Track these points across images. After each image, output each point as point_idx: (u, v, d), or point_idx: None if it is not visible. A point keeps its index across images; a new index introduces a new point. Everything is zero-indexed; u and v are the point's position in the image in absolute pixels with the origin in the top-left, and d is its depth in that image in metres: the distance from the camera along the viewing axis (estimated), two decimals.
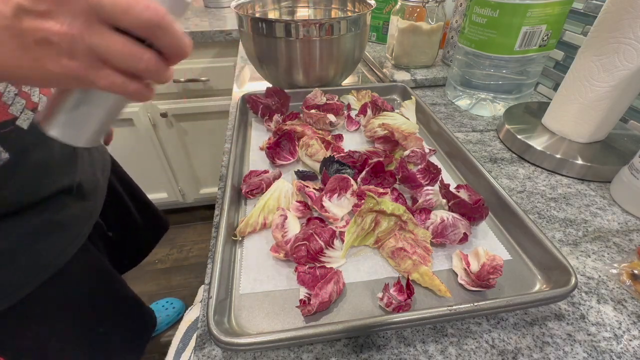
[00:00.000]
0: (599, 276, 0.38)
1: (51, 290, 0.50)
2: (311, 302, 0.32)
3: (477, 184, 0.46)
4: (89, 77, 0.22)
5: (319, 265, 0.36)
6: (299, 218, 0.42)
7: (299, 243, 0.36)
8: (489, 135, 0.62)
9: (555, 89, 0.73)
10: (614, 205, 0.47)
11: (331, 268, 0.35)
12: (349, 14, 0.80)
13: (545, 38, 0.60)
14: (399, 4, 0.78)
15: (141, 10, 0.20)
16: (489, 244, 0.40)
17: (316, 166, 0.50)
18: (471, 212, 0.40)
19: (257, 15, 0.78)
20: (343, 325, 0.29)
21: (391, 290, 0.33)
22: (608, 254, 0.40)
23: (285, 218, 0.40)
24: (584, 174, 0.51)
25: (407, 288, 0.33)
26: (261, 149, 0.56)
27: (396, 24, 0.79)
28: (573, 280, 0.32)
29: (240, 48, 1.04)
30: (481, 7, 0.60)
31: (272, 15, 0.82)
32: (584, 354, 0.31)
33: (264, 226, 0.42)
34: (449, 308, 0.30)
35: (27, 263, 0.46)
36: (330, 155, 0.49)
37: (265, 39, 0.64)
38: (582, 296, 0.36)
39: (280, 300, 0.34)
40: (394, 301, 0.32)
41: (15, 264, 0.45)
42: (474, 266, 0.36)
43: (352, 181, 0.45)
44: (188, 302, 1.37)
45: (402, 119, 0.57)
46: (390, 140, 0.54)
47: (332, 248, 0.38)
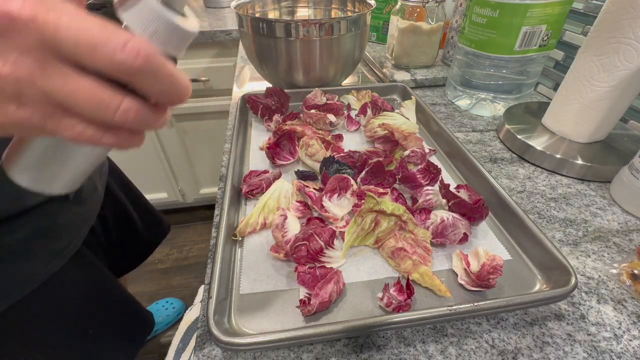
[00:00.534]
0: (599, 276, 0.38)
1: (44, 294, 0.49)
2: (311, 302, 0.32)
3: (477, 184, 0.46)
4: (48, 127, 0.17)
5: (319, 265, 0.36)
6: (299, 218, 0.42)
7: (299, 243, 0.36)
8: (489, 135, 0.62)
9: (555, 89, 0.73)
10: (614, 205, 0.47)
11: (331, 268, 0.35)
12: (349, 14, 0.80)
13: (545, 38, 0.60)
14: (399, 4, 0.78)
15: (113, 50, 0.15)
16: (489, 244, 0.40)
17: (316, 166, 0.50)
18: (471, 212, 0.40)
19: (257, 15, 0.78)
20: (343, 325, 0.29)
21: (391, 290, 0.33)
22: (608, 254, 0.40)
23: (285, 218, 0.40)
24: (584, 174, 0.51)
25: (407, 288, 0.33)
26: (261, 149, 0.56)
27: (396, 24, 0.79)
28: (573, 280, 0.32)
29: (240, 48, 1.04)
30: (481, 7, 0.60)
31: (272, 15, 0.82)
32: (584, 354, 0.31)
33: (264, 226, 0.42)
34: (449, 308, 0.30)
35: (21, 270, 0.45)
36: (330, 155, 0.49)
37: (265, 39, 0.64)
38: (582, 296, 0.36)
39: (280, 300, 0.34)
40: (394, 301, 0.32)
41: (7, 271, 0.43)
42: (474, 266, 0.36)
43: (352, 181, 0.45)
44: (188, 302, 1.37)
45: (402, 119, 0.57)
46: (390, 140, 0.54)
47: (332, 248, 0.38)
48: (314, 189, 0.45)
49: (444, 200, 0.43)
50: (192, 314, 0.98)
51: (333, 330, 0.29)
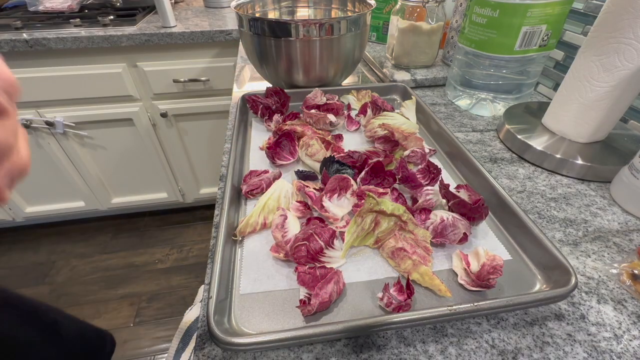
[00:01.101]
0: (599, 276, 0.38)
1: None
2: (311, 302, 0.32)
3: (477, 184, 0.46)
4: None
5: (319, 265, 0.36)
6: (299, 218, 0.42)
7: (299, 243, 0.36)
8: (489, 135, 0.62)
9: (555, 89, 0.73)
10: (614, 205, 0.47)
11: (331, 268, 0.35)
12: (349, 14, 0.80)
13: (545, 38, 0.60)
14: (399, 4, 0.78)
15: None
16: (489, 244, 0.40)
17: (316, 166, 0.50)
18: (471, 212, 0.40)
19: (257, 15, 0.78)
20: (343, 325, 0.29)
21: (391, 290, 0.33)
22: (608, 254, 0.40)
23: (285, 218, 0.40)
24: (584, 174, 0.51)
25: (407, 288, 0.33)
26: (261, 149, 0.56)
27: (396, 24, 0.79)
28: (573, 280, 0.32)
29: (240, 48, 1.05)
30: (481, 7, 0.60)
31: (272, 15, 0.82)
32: (584, 354, 0.31)
33: (264, 226, 0.42)
34: (449, 308, 0.30)
35: None
36: (330, 155, 0.49)
37: (265, 39, 0.64)
38: (582, 296, 0.36)
39: (280, 300, 0.34)
40: (394, 301, 0.32)
41: None
42: (474, 266, 0.36)
43: (352, 181, 0.45)
44: (188, 302, 1.37)
45: (402, 119, 0.57)
46: (390, 140, 0.54)
47: (332, 248, 0.38)
48: (314, 189, 0.45)
49: (444, 200, 0.43)
50: (192, 314, 0.98)
51: (333, 330, 0.29)
